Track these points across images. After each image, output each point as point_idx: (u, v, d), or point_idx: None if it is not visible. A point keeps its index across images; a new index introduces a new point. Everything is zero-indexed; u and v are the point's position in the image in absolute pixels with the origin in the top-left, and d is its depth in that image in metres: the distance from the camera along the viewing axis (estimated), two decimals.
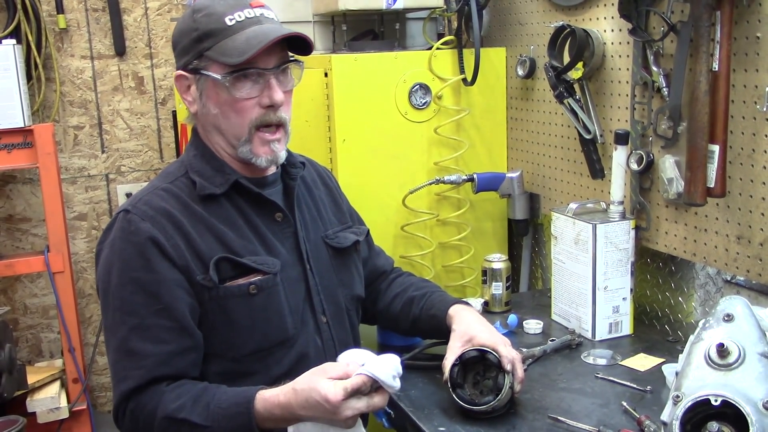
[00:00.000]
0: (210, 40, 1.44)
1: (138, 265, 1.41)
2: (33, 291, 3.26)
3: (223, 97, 1.46)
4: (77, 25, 3.18)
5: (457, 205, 2.39)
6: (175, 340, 1.41)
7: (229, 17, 1.44)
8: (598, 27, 2.00)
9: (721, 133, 1.58)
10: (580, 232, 1.85)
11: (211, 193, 1.49)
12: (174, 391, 1.38)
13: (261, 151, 1.49)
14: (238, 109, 1.46)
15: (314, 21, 2.51)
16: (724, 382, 1.13)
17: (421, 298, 1.72)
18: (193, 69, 1.48)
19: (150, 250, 1.41)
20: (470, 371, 1.50)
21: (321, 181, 1.75)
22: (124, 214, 1.45)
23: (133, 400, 1.39)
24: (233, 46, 1.42)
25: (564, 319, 1.95)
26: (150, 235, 1.41)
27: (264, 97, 1.46)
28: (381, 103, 2.26)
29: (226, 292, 1.45)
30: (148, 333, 1.40)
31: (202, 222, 1.47)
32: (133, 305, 1.41)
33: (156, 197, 1.47)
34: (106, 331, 1.46)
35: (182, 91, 1.53)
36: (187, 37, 1.48)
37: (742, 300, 1.21)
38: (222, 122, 1.49)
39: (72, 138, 3.24)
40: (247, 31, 1.43)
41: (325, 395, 1.26)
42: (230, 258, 1.46)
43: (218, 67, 1.44)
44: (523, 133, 2.39)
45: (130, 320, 1.40)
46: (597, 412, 1.48)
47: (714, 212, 1.71)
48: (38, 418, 2.77)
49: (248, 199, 1.53)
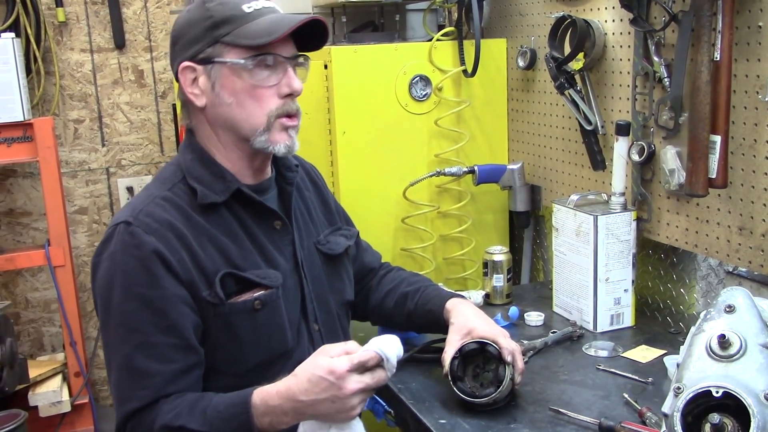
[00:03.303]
0: (227, 26, 1.41)
1: (143, 280, 1.35)
2: (34, 285, 3.26)
3: (240, 85, 1.42)
4: (76, 18, 3.17)
5: (458, 197, 2.38)
6: (182, 359, 1.37)
7: (247, 5, 1.43)
8: (599, 17, 1.99)
9: (722, 124, 1.57)
10: (581, 223, 1.84)
11: (213, 201, 1.44)
12: (172, 402, 1.34)
13: (279, 138, 1.45)
14: (257, 96, 1.43)
15: (314, 13, 2.50)
16: (726, 373, 1.12)
17: (415, 293, 1.70)
18: (203, 59, 1.43)
19: (155, 265, 1.35)
20: (470, 364, 1.49)
21: (309, 179, 1.72)
22: (125, 226, 1.38)
23: (135, 419, 1.34)
24: (257, 29, 1.40)
25: (565, 311, 1.95)
26: (155, 248, 1.35)
27: (283, 86, 1.43)
28: (381, 95, 2.25)
29: (232, 309, 1.41)
30: (154, 351, 1.34)
31: (205, 234, 1.42)
32: (138, 322, 1.35)
33: (158, 208, 1.41)
34: (108, 348, 1.39)
35: (187, 84, 1.45)
36: (199, 26, 1.43)
37: (743, 291, 1.21)
38: (237, 112, 1.44)
39: (72, 132, 3.24)
40: (267, 18, 1.42)
41: (330, 366, 1.24)
42: (234, 273, 1.42)
43: (238, 52, 1.41)
44: (524, 125, 2.38)
45: (135, 337, 1.34)
46: (598, 403, 1.48)
47: (716, 203, 1.70)
48: (40, 412, 2.77)
49: (247, 208, 1.49)
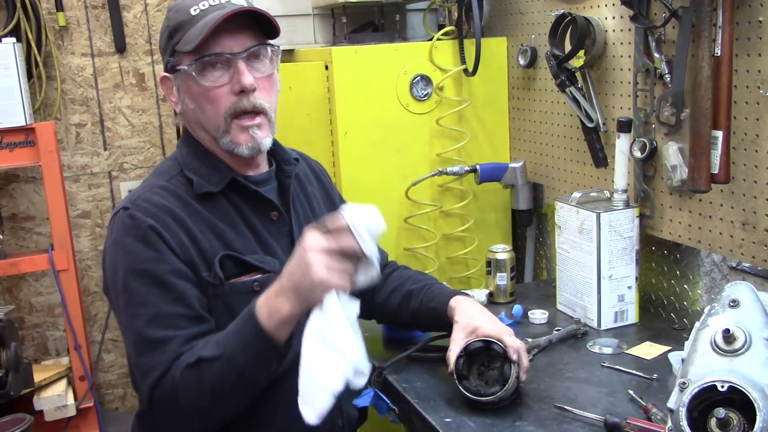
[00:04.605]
0: (179, 33, 1.44)
1: (146, 256, 1.37)
2: (38, 289, 3.26)
3: (195, 89, 1.44)
4: (77, 22, 3.17)
5: (460, 196, 2.38)
6: (194, 326, 1.38)
7: (194, 8, 1.43)
8: (599, 14, 1.99)
9: (724, 119, 1.57)
10: (584, 221, 1.84)
11: (209, 191, 1.47)
12: (187, 352, 1.34)
13: (241, 139, 1.45)
14: (211, 98, 1.44)
15: (314, 14, 2.51)
16: (731, 367, 1.12)
17: (420, 291, 1.70)
18: (171, 68, 1.48)
19: (156, 242, 1.38)
20: (474, 362, 1.49)
21: (314, 175, 1.73)
22: (124, 211, 1.42)
23: (159, 386, 1.33)
24: (193, 32, 1.41)
25: (569, 309, 1.94)
26: (154, 228, 1.38)
27: (234, 83, 1.43)
28: (382, 95, 2.25)
29: (232, 289, 1.43)
30: (166, 321, 1.35)
31: (203, 220, 1.45)
32: (146, 296, 1.36)
33: (155, 195, 1.44)
34: (123, 329, 1.42)
35: (168, 93, 1.52)
36: (163, 37, 1.49)
37: (747, 285, 1.20)
38: (201, 116, 1.47)
39: (74, 136, 3.24)
40: (207, 17, 1.41)
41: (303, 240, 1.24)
42: (233, 255, 1.44)
43: (187, 58, 1.43)
44: (526, 123, 2.38)
45: (145, 311, 1.36)
46: (603, 400, 1.48)
47: (718, 199, 1.70)
48: (45, 416, 2.77)
49: (245, 198, 1.51)
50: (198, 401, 1.31)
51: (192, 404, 1.32)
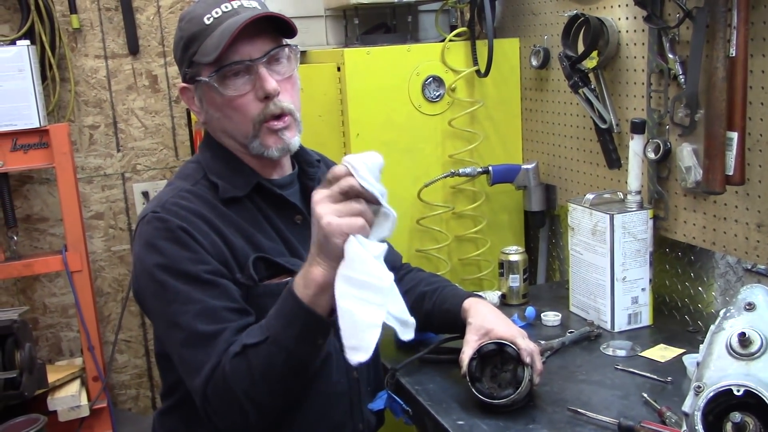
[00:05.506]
0: (195, 44, 1.43)
1: (183, 257, 1.36)
2: (52, 290, 3.28)
3: (218, 100, 1.44)
4: (90, 24, 3.19)
5: (473, 197, 2.38)
6: (241, 318, 1.37)
7: (207, 16, 1.42)
8: (612, 15, 1.98)
9: (739, 120, 1.56)
10: (597, 222, 1.83)
11: (234, 195, 1.47)
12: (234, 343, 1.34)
13: (270, 142, 1.46)
14: (237, 106, 1.43)
15: (326, 15, 2.51)
16: (746, 371, 1.11)
17: (433, 293, 1.70)
18: (190, 79, 1.48)
19: (190, 243, 1.37)
20: (488, 364, 1.49)
21: None
22: (153, 214, 1.41)
23: (212, 379, 1.32)
24: (211, 43, 1.40)
25: (582, 311, 1.94)
26: (187, 230, 1.38)
27: (258, 89, 1.42)
28: (394, 96, 2.25)
29: (265, 291, 1.43)
30: (215, 315, 1.34)
31: (232, 224, 1.44)
32: (190, 294, 1.35)
33: (183, 199, 1.43)
34: (167, 332, 1.39)
35: (189, 103, 1.52)
36: (178, 48, 1.48)
37: (763, 288, 1.20)
38: (227, 124, 1.47)
39: (87, 137, 3.26)
40: (222, 26, 1.40)
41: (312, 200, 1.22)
42: (265, 258, 1.44)
43: (207, 69, 1.43)
44: (538, 124, 2.38)
45: (192, 307, 1.34)
46: (617, 403, 1.47)
47: (733, 200, 1.68)
48: (59, 417, 2.79)
49: (269, 201, 1.51)
50: (250, 390, 1.30)
51: (245, 393, 1.30)
